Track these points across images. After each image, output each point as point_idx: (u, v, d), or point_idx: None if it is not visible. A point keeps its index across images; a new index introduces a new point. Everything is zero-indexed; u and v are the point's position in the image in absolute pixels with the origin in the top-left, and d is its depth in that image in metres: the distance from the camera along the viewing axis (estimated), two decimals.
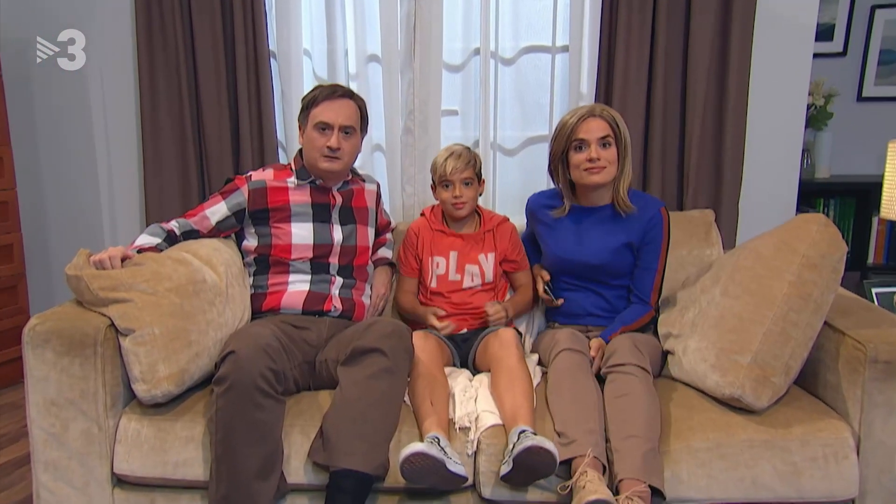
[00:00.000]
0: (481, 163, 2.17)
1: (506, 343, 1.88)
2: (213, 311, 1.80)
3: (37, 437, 1.68)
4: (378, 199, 2.25)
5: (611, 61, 2.43)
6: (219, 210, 2.02)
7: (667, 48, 2.40)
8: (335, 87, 2.04)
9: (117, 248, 1.78)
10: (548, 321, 2.23)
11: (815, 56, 2.51)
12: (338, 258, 2.07)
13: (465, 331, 2.09)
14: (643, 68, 2.40)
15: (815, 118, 3.08)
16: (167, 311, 1.68)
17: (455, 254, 2.15)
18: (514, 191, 2.64)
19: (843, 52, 3.19)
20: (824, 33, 3.11)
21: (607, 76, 2.44)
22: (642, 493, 1.52)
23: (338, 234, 2.07)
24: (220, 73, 2.50)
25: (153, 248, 1.87)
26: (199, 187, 2.59)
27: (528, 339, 2.22)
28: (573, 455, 1.60)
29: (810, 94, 2.93)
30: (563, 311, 2.13)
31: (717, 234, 2.32)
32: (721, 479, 1.62)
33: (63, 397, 1.66)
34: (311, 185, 2.06)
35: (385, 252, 2.29)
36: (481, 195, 2.22)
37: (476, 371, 2.02)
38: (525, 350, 2.13)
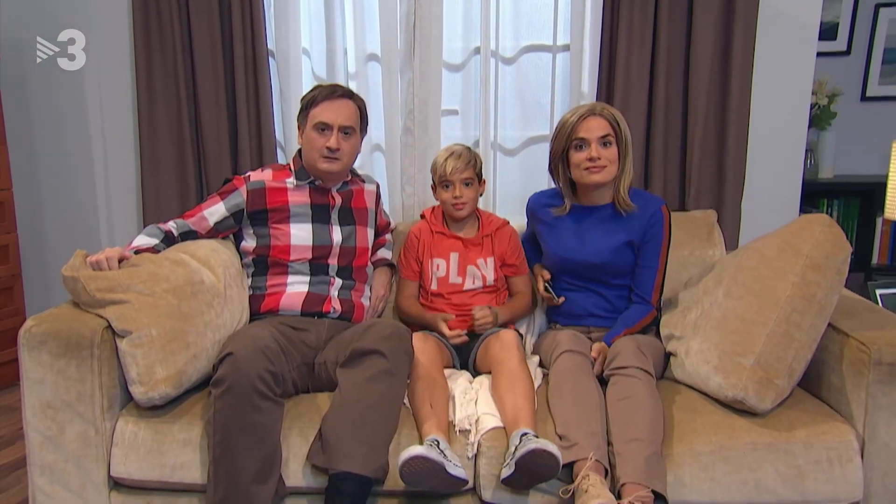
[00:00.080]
0: (482, 163, 2.17)
1: (507, 345, 1.87)
2: (212, 313, 1.79)
3: (33, 439, 1.67)
4: (378, 199, 2.24)
5: (612, 60, 2.42)
6: (217, 211, 2.01)
7: (669, 47, 2.39)
8: (334, 87, 2.03)
9: (114, 248, 1.77)
10: (549, 322, 2.23)
11: (819, 55, 2.50)
12: (337, 259, 2.06)
13: (464, 331, 2.08)
14: (645, 67, 2.40)
15: (819, 118, 3.07)
16: (165, 312, 1.67)
17: (456, 255, 2.14)
18: (514, 191, 2.63)
19: (847, 51, 3.18)
20: (828, 32, 3.10)
21: (609, 75, 2.44)
22: (645, 498, 1.52)
23: (337, 235, 2.06)
24: (218, 73, 2.49)
25: (150, 249, 1.86)
26: (197, 188, 2.58)
27: (530, 340, 2.21)
28: (575, 458, 1.59)
29: (814, 93, 2.92)
30: (565, 311, 2.12)
31: (719, 235, 2.31)
32: (724, 482, 1.61)
33: (59, 400, 1.65)
34: (310, 185, 2.06)
35: (384, 253, 2.28)
36: (482, 195, 2.21)
37: (476, 373, 2.01)
38: (526, 351, 2.12)
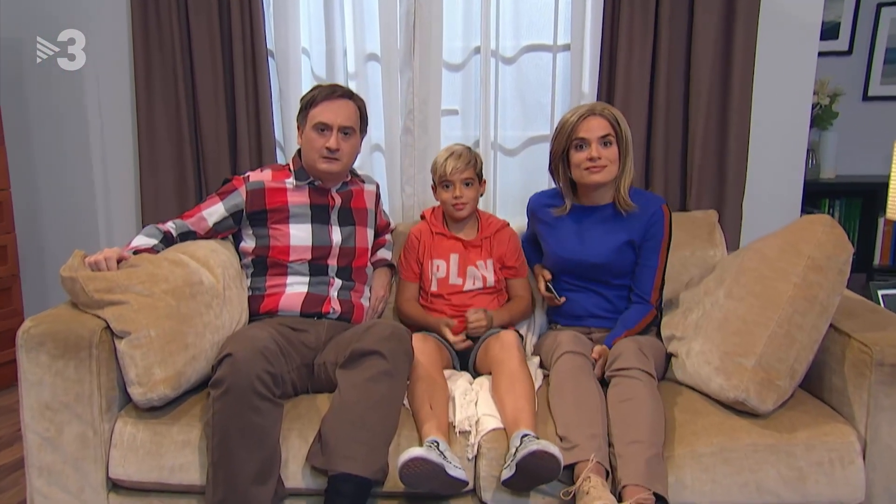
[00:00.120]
0: (482, 163, 2.16)
1: (507, 345, 1.87)
2: (210, 314, 1.79)
3: (31, 441, 1.67)
4: (377, 199, 2.24)
5: (613, 60, 2.42)
6: (216, 211, 2.00)
7: (670, 47, 2.38)
8: (334, 87, 2.03)
9: (113, 249, 1.76)
10: (549, 323, 2.22)
11: (820, 55, 2.50)
12: (336, 260, 2.05)
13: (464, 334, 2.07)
14: (646, 67, 2.39)
15: (820, 118, 3.07)
16: (163, 313, 1.67)
17: (456, 256, 2.13)
18: (514, 191, 2.62)
19: (849, 51, 3.18)
20: (829, 31, 3.09)
21: (609, 75, 2.43)
22: (646, 500, 1.51)
23: (337, 235, 2.05)
24: (217, 72, 2.49)
25: (149, 250, 1.85)
26: (196, 188, 2.58)
27: (530, 341, 2.20)
28: (576, 460, 1.58)
29: (815, 93, 2.91)
30: (565, 312, 2.11)
31: (720, 235, 2.31)
32: (725, 484, 1.61)
33: (57, 401, 1.64)
34: (309, 186, 2.05)
35: (384, 253, 2.27)
36: (482, 196, 2.20)
37: (476, 374, 2.00)
38: (526, 352, 2.11)
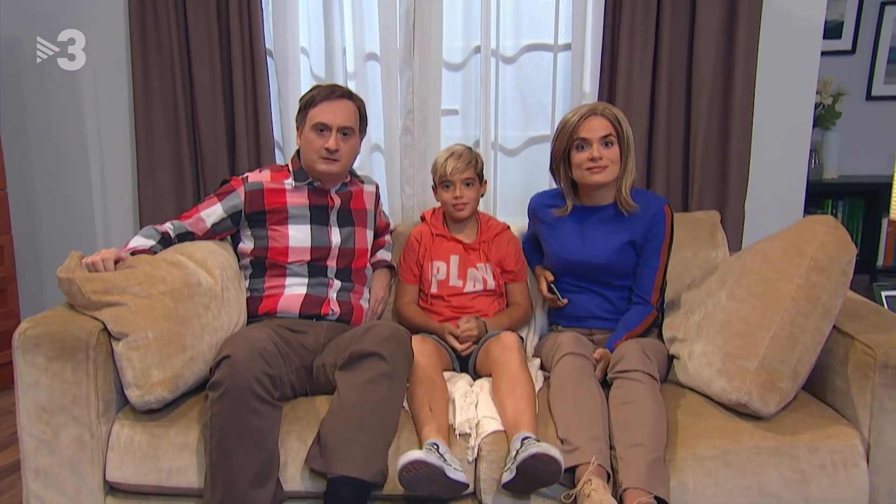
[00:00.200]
0: (483, 163, 2.16)
1: (507, 347, 1.85)
2: (209, 315, 1.78)
3: (27, 444, 1.66)
4: (377, 200, 2.23)
5: (614, 60, 2.41)
6: (214, 212, 1.99)
7: (671, 46, 2.38)
8: (333, 88, 2.02)
9: (110, 250, 1.75)
10: (550, 324, 2.21)
11: (823, 54, 2.50)
12: (336, 261, 2.04)
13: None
14: (647, 67, 2.39)
15: (823, 117, 3.05)
16: (161, 314, 1.66)
17: (456, 258, 2.13)
18: (515, 191, 2.62)
19: (852, 50, 3.16)
20: (832, 31, 3.08)
21: (610, 75, 2.43)
22: None
23: (336, 236, 2.05)
24: (215, 72, 2.48)
25: (147, 251, 1.84)
26: (194, 188, 2.58)
27: (531, 341, 2.19)
28: (577, 463, 1.57)
29: (818, 92, 2.89)
30: (567, 313, 2.10)
31: (722, 236, 2.30)
32: (727, 487, 1.60)
33: (54, 403, 1.63)
34: (308, 186, 2.04)
35: (384, 254, 2.26)
36: (483, 196, 2.19)
37: (476, 376, 2.00)
38: (527, 354, 2.10)
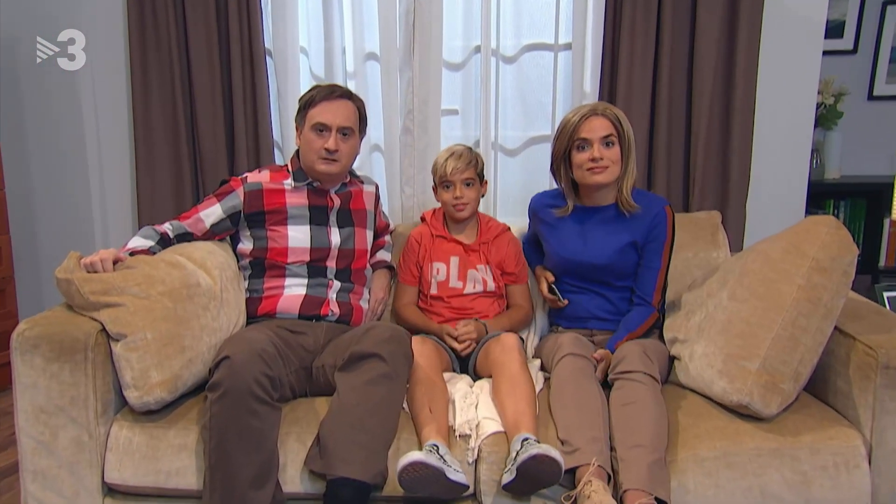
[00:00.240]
0: (483, 163, 2.15)
1: (508, 348, 1.85)
2: (208, 316, 1.77)
3: (25, 445, 1.65)
4: (377, 200, 2.22)
5: (615, 59, 2.41)
6: (213, 212, 1.99)
7: (672, 45, 2.37)
8: (333, 88, 2.01)
9: (109, 250, 1.74)
10: (551, 325, 2.20)
11: (825, 53, 2.49)
12: (335, 262, 2.04)
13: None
14: (648, 66, 2.38)
15: (825, 117, 3.04)
16: (160, 315, 1.66)
17: (456, 259, 2.12)
18: (515, 192, 2.62)
19: (854, 50, 3.15)
20: (834, 30, 3.07)
21: (611, 74, 2.42)
22: None
23: (335, 237, 2.04)
24: (214, 72, 2.47)
25: (146, 251, 1.84)
26: (193, 188, 2.57)
27: (532, 342, 2.19)
28: (577, 464, 1.57)
29: (820, 92, 2.89)
30: (567, 314, 2.09)
31: (723, 237, 2.29)
32: (729, 488, 1.59)
33: (52, 404, 1.63)
34: (308, 187, 2.03)
35: (384, 255, 2.26)
36: (483, 196, 2.19)
37: (476, 377, 1.99)
38: (527, 354, 2.09)
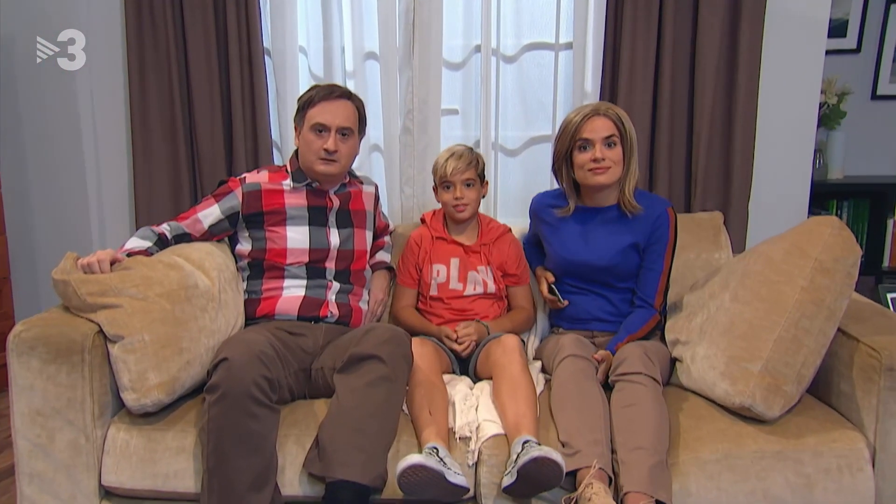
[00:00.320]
0: (484, 164, 2.15)
1: (508, 350, 1.84)
2: (206, 318, 1.76)
3: (21, 447, 1.65)
4: (376, 201, 2.22)
5: (616, 59, 2.40)
6: (212, 213, 1.98)
7: (674, 45, 2.36)
8: (332, 88, 2.00)
9: (106, 251, 1.74)
10: (552, 326, 2.19)
11: (828, 53, 2.47)
12: (334, 263, 2.03)
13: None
14: (649, 66, 2.37)
15: (828, 117, 3.03)
16: (158, 317, 1.65)
17: (457, 261, 2.12)
18: (515, 192, 2.61)
19: (857, 49, 3.13)
20: (837, 29, 3.05)
21: (612, 74, 2.42)
22: None
23: (335, 238, 2.03)
24: (212, 71, 2.46)
25: (143, 252, 1.83)
26: (191, 189, 2.56)
27: (532, 343, 2.18)
28: (578, 466, 1.56)
29: (823, 92, 2.88)
30: (568, 315, 2.08)
31: (726, 238, 2.29)
32: (731, 491, 1.58)
33: (49, 406, 1.62)
34: (307, 187, 2.03)
35: (383, 256, 2.25)
36: (484, 197, 2.18)
37: (476, 379, 1.98)
38: (528, 356, 2.09)
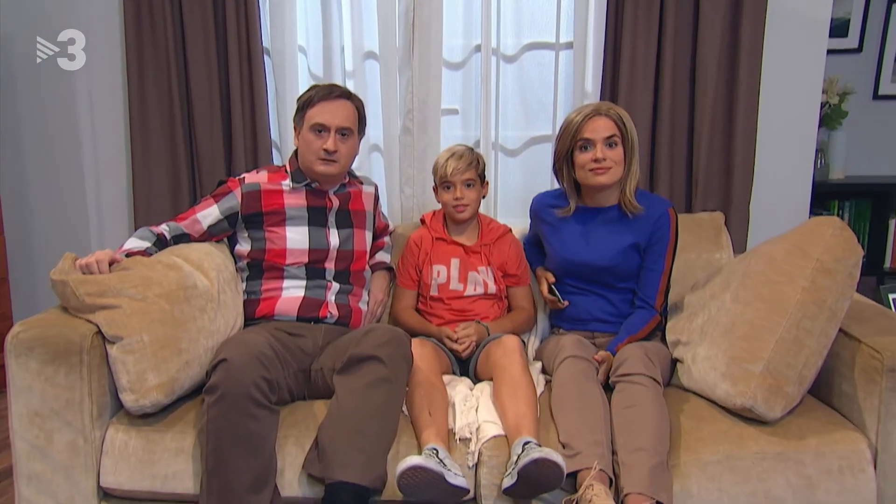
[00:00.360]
0: (485, 164, 2.14)
1: (509, 350, 1.84)
2: (205, 318, 1.76)
3: (20, 449, 1.65)
4: (376, 201, 2.21)
5: (616, 58, 2.39)
6: (211, 213, 1.98)
7: (675, 44, 2.35)
8: (332, 87, 2.00)
9: (105, 251, 1.73)
10: (552, 327, 2.19)
11: (830, 52, 2.47)
12: (334, 263, 2.03)
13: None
14: (650, 65, 2.36)
15: (829, 117, 3.02)
16: (157, 317, 1.65)
17: (457, 262, 2.11)
18: (515, 192, 2.60)
19: (859, 49, 3.13)
20: (839, 28, 3.05)
21: (613, 74, 2.41)
22: None
23: (334, 238, 2.03)
24: (211, 71, 2.46)
25: (142, 252, 1.83)
26: (190, 189, 2.55)
27: (533, 344, 2.17)
28: (579, 468, 1.56)
29: (824, 91, 2.87)
30: (569, 316, 2.08)
31: (727, 238, 2.28)
32: (732, 493, 1.58)
33: (47, 408, 1.62)
34: (306, 188, 2.02)
35: (383, 256, 2.24)
36: (484, 198, 2.17)
37: (477, 380, 1.98)
38: (529, 357, 2.08)
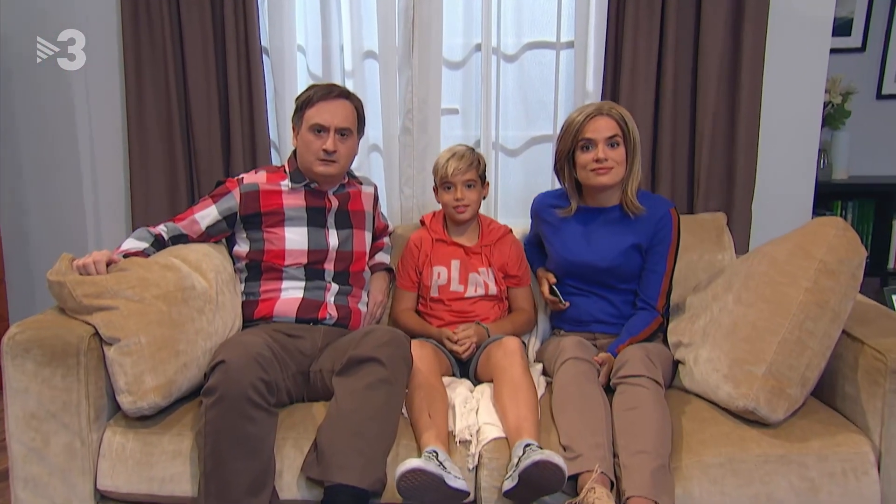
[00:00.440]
0: (485, 165, 2.14)
1: (509, 352, 1.83)
2: (203, 320, 1.76)
3: (16, 451, 1.64)
4: (375, 202, 2.21)
5: (618, 57, 2.38)
6: (209, 214, 1.97)
7: (676, 43, 2.35)
8: (331, 87, 1.99)
9: (102, 252, 1.73)
10: (553, 328, 2.18)
11: (833, 52, 2.47)
12: (333, 264, 2.02)
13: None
14: (652, 65, 2.36)
15: (832, 117, 3.02)
16: (154, 319, 1.64)
17: (457, 263, 2.11)
18: (516, 192, 2.60)
19: (862, 48, 3.12)
20: (842, 27, 3.04)
21: (614, 73, 2.40)
22: None
23: (333, 239, 2.02)
24: (209, 70, 2.45)
25: (140, 253, 1.82)
26: (188, 189, 2.54)
27: (534, 345, 2.17)
28: (580, 470, 1.55)
29: (827, 91, 2.86)
30: (570, 317, 2.07)
31: (729, 238, 2.28)
32: (735, 496, 1.57)
33: (44, 410, 1.61)
34: (305, 188, 2.01)
35: (382, 257, 2.24)
36: (485, 198, 2.17)
37: (477, 381, 1.97)
38: (529, 359, 2.08)
